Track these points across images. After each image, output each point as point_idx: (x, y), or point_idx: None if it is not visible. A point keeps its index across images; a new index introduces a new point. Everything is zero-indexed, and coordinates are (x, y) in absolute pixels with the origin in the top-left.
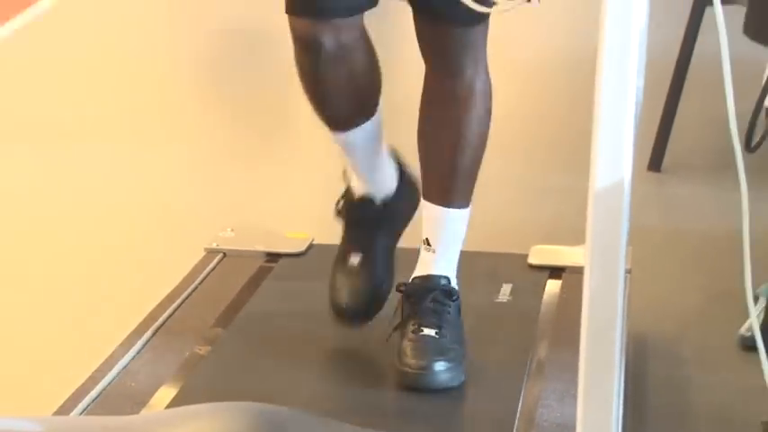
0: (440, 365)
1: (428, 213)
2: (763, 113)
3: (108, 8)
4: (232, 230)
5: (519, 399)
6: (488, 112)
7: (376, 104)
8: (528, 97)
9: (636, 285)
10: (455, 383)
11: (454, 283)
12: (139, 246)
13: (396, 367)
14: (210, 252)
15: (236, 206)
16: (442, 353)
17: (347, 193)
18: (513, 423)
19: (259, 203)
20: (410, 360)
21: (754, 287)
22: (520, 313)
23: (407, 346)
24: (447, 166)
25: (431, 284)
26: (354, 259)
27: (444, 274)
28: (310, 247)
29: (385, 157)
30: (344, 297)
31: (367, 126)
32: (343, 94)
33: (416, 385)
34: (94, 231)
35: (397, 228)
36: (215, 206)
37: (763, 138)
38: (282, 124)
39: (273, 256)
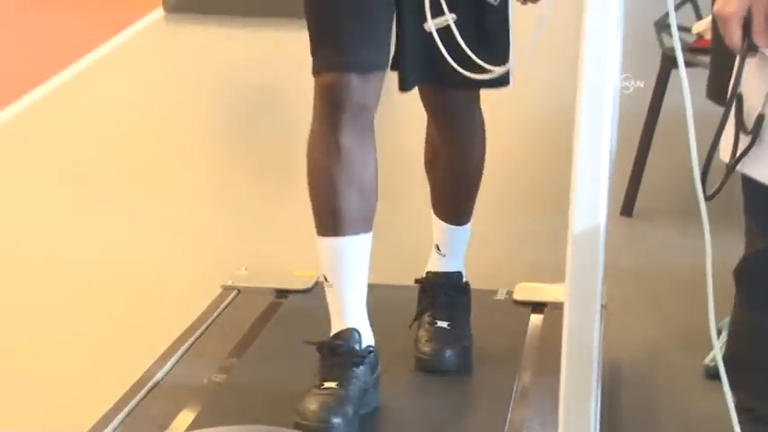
0: (450, 352)
1: (438, 227)
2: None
3: (139, 74)
4: (246, 269)
5: (505, 422)
6: (483, 154)
7: (372, 216)
8: (513, 151)
9: (611, 319)
10: (462, 368)
11: (465, 278)
12: (164, 283)
13: (413, 353)
14: (226, 289)
15: (249, 247)
16: (451, 342)
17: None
18: None
19: (270, 244)
20: (425, 347)
21: (717, 321)
22: (513, 314)
23: (423, 335)
24: (449, 199)
25: (444, 280)
26: (329, 384)
27: (455, 270)
28: (317, 283)
29: (365, 301)
30: (312, 410)
31: (361, 240)
32: (353, 174)
33: (430, 368)
34: (124, 271)
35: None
36: (230, 247)
37: (719, 188)
38: (288, 174)
39: (283, 293)
